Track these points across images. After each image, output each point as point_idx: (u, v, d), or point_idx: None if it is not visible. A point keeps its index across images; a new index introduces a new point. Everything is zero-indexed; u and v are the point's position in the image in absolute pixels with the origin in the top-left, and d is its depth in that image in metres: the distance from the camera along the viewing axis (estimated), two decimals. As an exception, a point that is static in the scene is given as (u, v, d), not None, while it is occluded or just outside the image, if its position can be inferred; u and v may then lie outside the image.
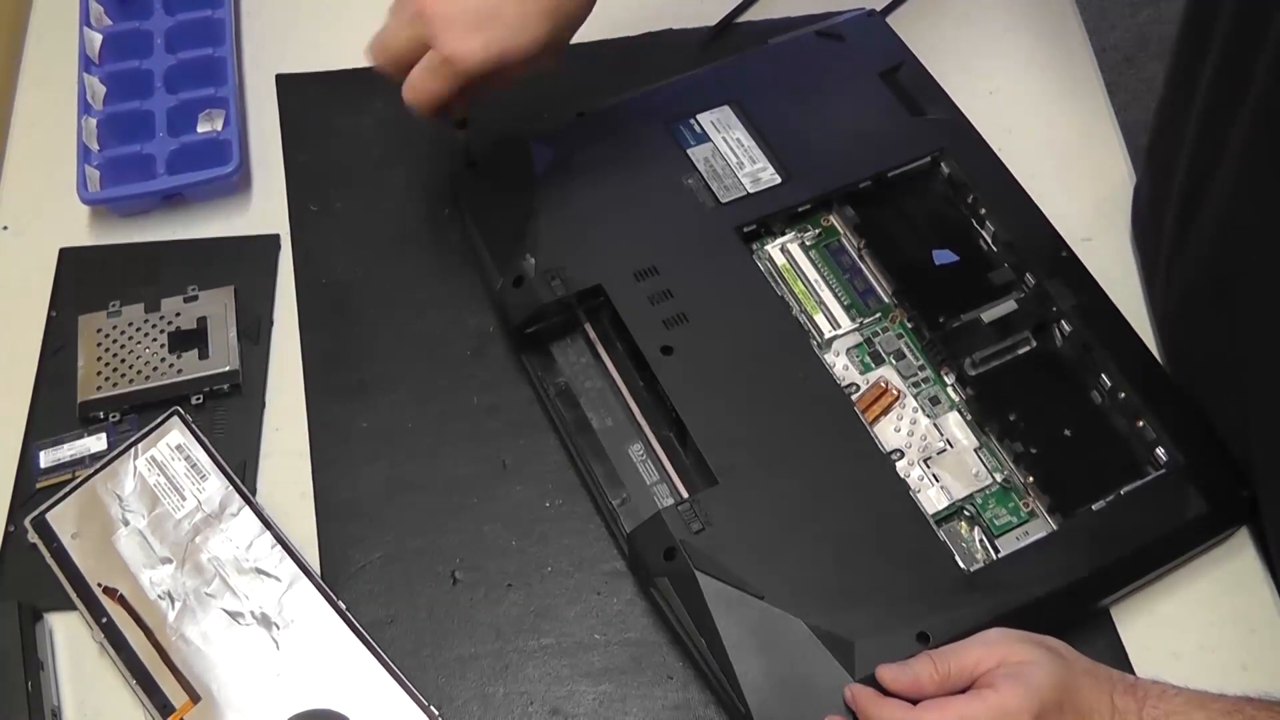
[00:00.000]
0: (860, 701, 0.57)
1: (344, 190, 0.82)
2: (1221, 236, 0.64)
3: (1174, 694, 0.56)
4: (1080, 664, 0.57)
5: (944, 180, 0.77)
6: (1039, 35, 0.89)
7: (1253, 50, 0.58)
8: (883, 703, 0.57)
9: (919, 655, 0.58)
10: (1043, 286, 0.71)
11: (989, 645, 0.57)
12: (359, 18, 0.89)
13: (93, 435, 0.71)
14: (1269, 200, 0.59)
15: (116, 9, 0.86)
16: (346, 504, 0.70)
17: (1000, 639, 0.58)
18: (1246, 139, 0.60)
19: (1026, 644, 0.57)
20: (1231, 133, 0.61)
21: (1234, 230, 0.63)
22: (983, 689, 0.55)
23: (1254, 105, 0.58)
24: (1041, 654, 0.56)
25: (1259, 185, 0.60)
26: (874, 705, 0.57)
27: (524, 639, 0.66)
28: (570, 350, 0.73)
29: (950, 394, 0.70)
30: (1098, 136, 0.84)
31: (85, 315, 0.74)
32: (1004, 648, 0.57)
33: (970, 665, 0.56)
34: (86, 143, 0.80)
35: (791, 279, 0.74)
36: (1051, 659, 0.56)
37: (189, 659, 0.63)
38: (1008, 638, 0.58)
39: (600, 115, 0.78)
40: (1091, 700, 0.56)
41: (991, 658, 0.56)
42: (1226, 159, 0.62)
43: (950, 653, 0.57)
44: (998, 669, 0.56)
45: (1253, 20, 0.58)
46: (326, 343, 0.76)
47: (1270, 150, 0.58)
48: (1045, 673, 0.55)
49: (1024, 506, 0.66)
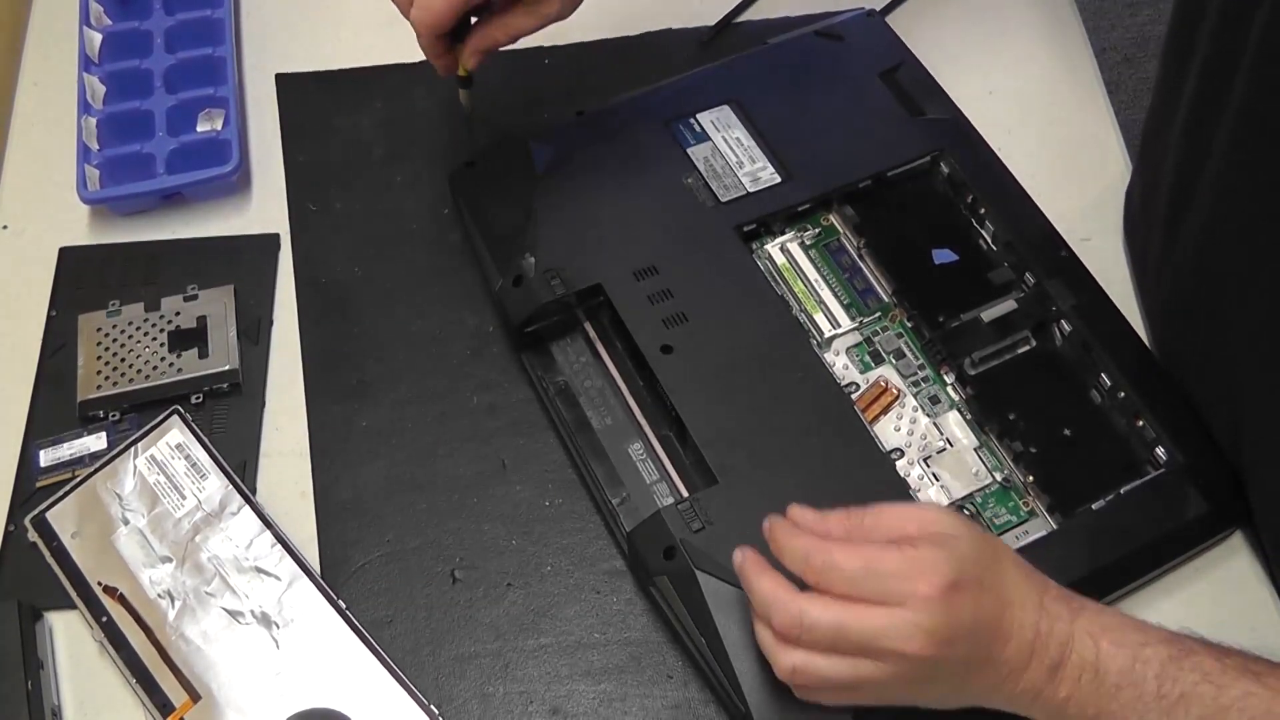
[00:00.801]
0: (775, 531, 0.55)
1: (344, 190, 0.82)
2: (1207, 240, 0.64)
3: (1111, 613, 0.55)
4: (1011, 556, 0.55)
5: (943, 180, 0.77)
6: (1039, 35, 0.89)
7: (1234, 54, 0.58)
8: (796, 533, 0.54)
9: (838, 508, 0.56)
10: (1042, 286, 0.71)
11: (915, 508, 0.56)
12: (359, 18, 0.90)
13: (92, 434, 0.71)
14: (1252, 205, 0.59)
15: (116, 9, 0.86)
16: (346, 503, 0.70)
17: (932, 507, 0.56)
18: (1229, 143, 0.60)
19: (959, 520, 0.54)
20: (1215, 137, 0.61)
21: (1219, 234, 0.63)
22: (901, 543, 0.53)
23: (1235, 110, 0.58)
24: (970, 530, 0.54)
25: (1241, 190, 0.60)
26: (787, 535, 0.55)
27: (523, 638, 0.66)
28: (570, 349, 0.73)
29: (950, 393, 0.70)
30: (1097, 136, 0.84)
31: (85, 314, 0.74)
32: (932, 514, 0.54)
33: (888, 524, 0.54)
34: (86, 142, 0.80)
35: (791, 278, 0.74)
36: (981, 537, 0.54)
37: (189, 658, 0.63)
38: (940, 509, 0.56)
39: (600, 115, 0.78)
40: (1017, 592, 0.53)
41: (914, 521, 0.54)
42: (1210, 163, 0.62)
43: (872, 508, 0.55)
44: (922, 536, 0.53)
45: (1234, 24, 0.58)
46: (326, 342, 0.76)
47: (1252, 155, 0.58)
48: (970, 545, 0.53)
49: (1024, 506, 0.66)
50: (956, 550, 0.52)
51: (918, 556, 0.52)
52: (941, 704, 0.55)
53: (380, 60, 0.87)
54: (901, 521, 0.54)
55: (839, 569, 0.52)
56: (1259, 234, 0.59)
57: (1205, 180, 0.63)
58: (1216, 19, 0.61)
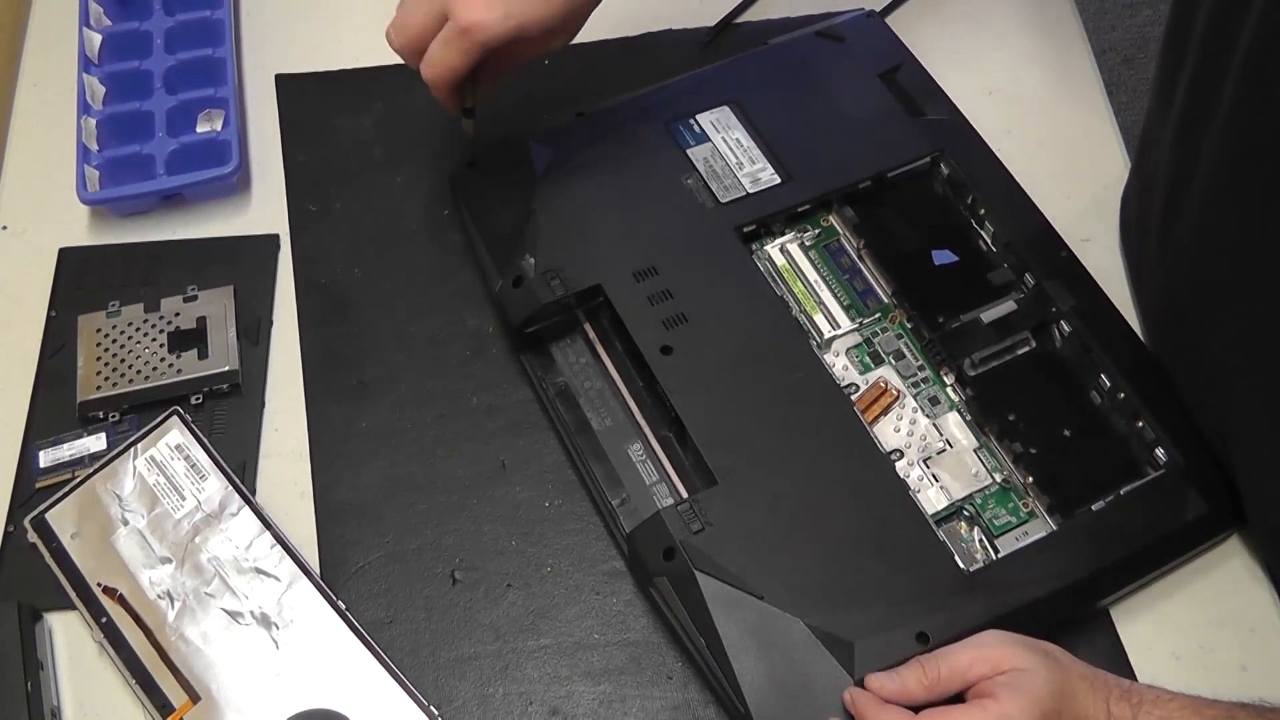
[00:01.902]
0: (860, 706, 0.57)
1: (344, 190, 0.82)
2: (1197, 246, 0.64)
3: (1169, 699, 0.56)
4: (1076, 669, 0.57)
5: (943, 180, 0.77)
6: (1039, 35, 0.89)
7: (1222, 64, 0.58)
8: (883, 709, 0.56)
9: (909, 662, 0.58)
10: (1042, 287, 0.71)
11: (982, 648, 0.57)
12: (359, 18, 0.90)
13: (92, 435, 0.71)
14: (1239, 213, 0.59)
15: (116, 9, 0.86)
16: (346, 504, 0.70)
17: (994, 642, 0.58)
18: (1217, 152, 0.60)
19: (1023, 649, 0.56)
20: (1204, 144, 0.61)
21: (1208, 240, 0.63)
22: (983, 698, 0.55)
23: (1223, 120, 0.58)
24: (1039, 660, 0.56)
25: (1229, 198, 0.60)
26: (874, 711, 0.57)
27: (523, 639, 0.66)
28: (570, 350, 0.73)
29: (950, 394, 0.70)
30: (1097, 137, 0.84)
31: (85, 315, 0.74)
32: (998, 652, 0.56)
33: (962, 669, 0.56)
34: (86, 143, 0.80)
35: (791, 279, 0.74)
36: (1048, 665, 0.56)
37: (189, 659, 0.63)
38: (1001, 641, 0.58)
39: (600, 115, 0.78)
40: (1088, 707, 0.55)
41: (986, 663, 0.56)
42: (1199, 170, 0.62)
43: (941, 657, 0.57)
44: (996, 677, 0.55)
45: (1221, 33, 0.58)
46: (326, 343, 0.76)
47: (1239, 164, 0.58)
48: (1044, 680, 0.55)
49: (1023, 507, 0.66)
50: (1034, 691, 0.54)
51: (1002, 712, 0.54)
52: None
53: (380, 60, 0.86)
54: (973, 664, 0.56)
55: None
56: (1246, 241, 0.59)
57: (1195, 187, 0.63)
58: (1206, 24, 0.61)
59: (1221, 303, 0.62)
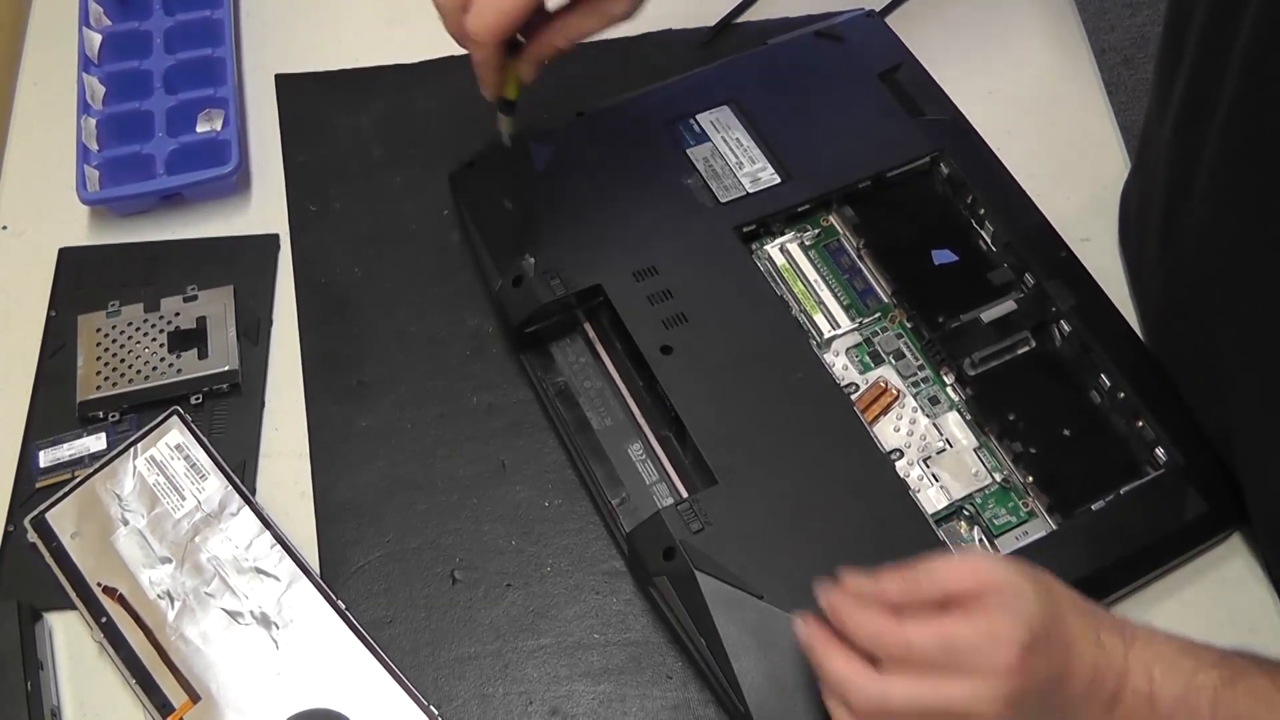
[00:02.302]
0: (838, 607, 0.55)
1: (343, 190, 0.82)
2: (1198, 245, 0.64)
3: (1163, 639, 0.55)
4: (1066, 596, 0.55)
5: (943, 180, 0.77)
6: (1039, 36, 0.89)
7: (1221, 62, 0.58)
8: (860, 608, 0.54)
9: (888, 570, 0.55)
10: (1042, 287, 0.71)
11: (968, 560, 0.54)
12: (359, 18, 0.90)
13: (92, 435, 0.71)
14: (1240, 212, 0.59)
15: (116, 9, 0.86)
16: (346, 504, 0.70)
17: (980, 557, 0.56)
18: (1217, 150, 0.60)
19: (1011, 569, 0.54)
20: (1204, 143, 0.61)
21: (1209, 239, 0.63)
22: (971, 610, 0.52)
23: (1222, 117, 0.58)
24: (1029, 585, 0.53)
25: (1230, 197, 0.60)
26: (855, 612, 0.54)
27: (523, 638, 0.66)
28: (569, 350, 0.73)
29: (950, 394, 0.70)
30: (1097, 137, 0.84)
31: (84, 315, 0.74)
32: (985, 566, 0.53)
33: (944, 581, 0.53)
34: (86, 143, 0.80)
35: (791, 279, 0.74)
36: (1038, 587, 0.54)
37: (188, 659, 0.63)
38: (989, 559, 0.56)
39: (600, 115, 0.78)
40: (1077, 634, 0.53)
41: (971, 576, 0.53)
42: (1200, 169, 0.62)
43: (924, 567, 0.54)
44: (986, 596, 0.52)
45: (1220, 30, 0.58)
46: (326, 343, 0.76)
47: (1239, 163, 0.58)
48: (1034, 602, 0.52)
49: (1023, 506, 0.66)
50: (1025, 609, 0.52)
51: (991, 624, 0.52)
52: None
53: (380, 60, 0.87)
54: (959, 577, 0.54)
55: (916, 649, 0.52)
56: (1247, 240, 0.59)
57: (1196, 185, 0.63)
58: (1204, 21, 0.60)
59: (1222, 302, 0.62)
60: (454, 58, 0.86)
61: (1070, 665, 0.53)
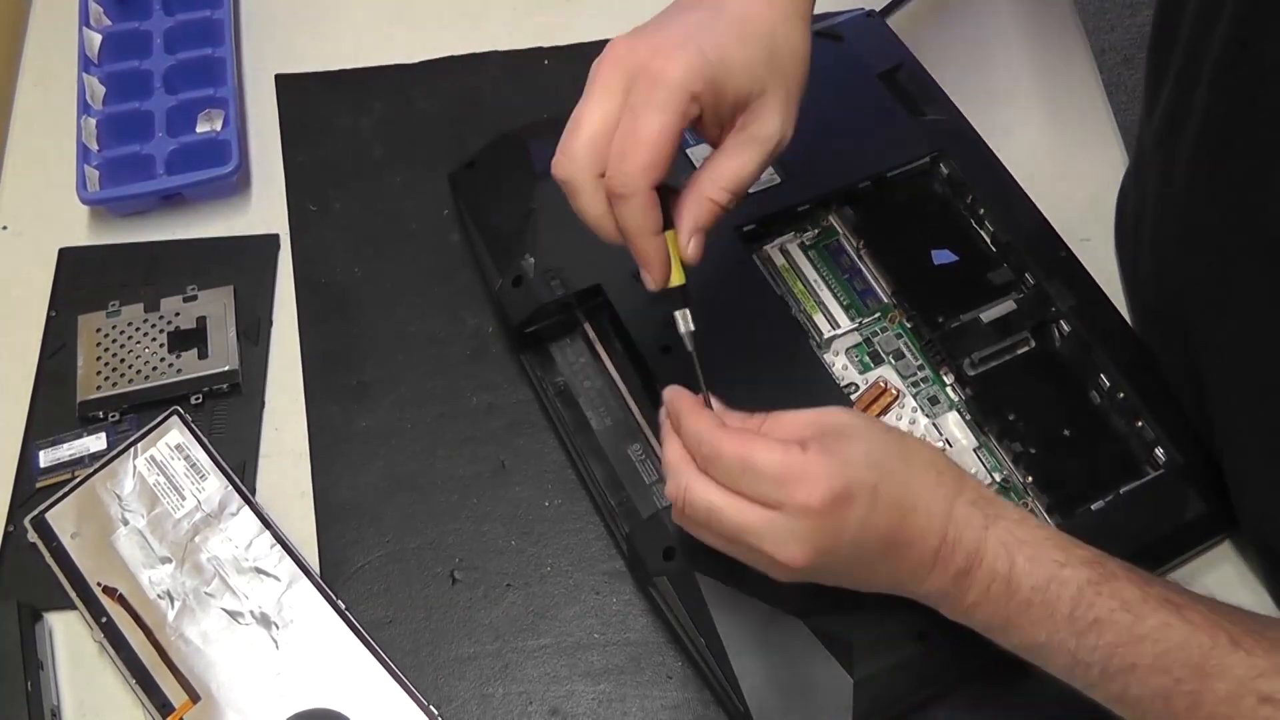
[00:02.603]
0: (675, 405, 0.53)
1: (344, 190, 0.82)
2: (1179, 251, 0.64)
3: (1035, 525, 0.52)
4: (925, 460, 0.52)
5: (943, 180, 0.77)
6: (1039, 36, 0.89)
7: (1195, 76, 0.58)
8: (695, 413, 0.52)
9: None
10: (1042, 287, 0.71)
11: (817, 411, 0.51)
12: (359, 18, 0.90)
13: (92, 435, 0.71)
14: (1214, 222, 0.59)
15: (116, 9, 0.86)
16: (346, 504, 0.70)
17: (835, 408, 0.53)
18: (1192, 156, 0.60)
19: (861, 418, 0.51)
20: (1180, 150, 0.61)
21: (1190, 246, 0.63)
22: (789, 445, 0.49)
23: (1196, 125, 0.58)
24: (873, 430, 0.50)
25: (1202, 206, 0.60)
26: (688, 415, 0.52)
27: (523, 639, 0.66)
28: (569, 350, 0.73)
29: (949, 394, 0.70)
30: (1097, 137, 0.84)
31: (85, 315, 0.74)
32: (831, 414, 0.51)
33: (785, 427, 0.51)
34: (86, 143, 0.80)
35: (791, 279, 0.74)
36: (886, 438, 0.51)
37: (188, 658, 0.63)
38: (843, 409, 0.53)
39: (600, 115, 0.78)
40: (923, 496, 0.50)
41: (810, 426, 0.50)
42: (1176, 175, 0.62)
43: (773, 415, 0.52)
44: (819, 439, 0.49)
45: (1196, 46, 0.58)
46: (326, 343, 0.76)
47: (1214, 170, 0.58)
48: (868, 448, 0.50)
49: (1023, 506, 0.66)
50: (850, 456, 0.49)
51: (803, 462, 0.49)
52: (840, 585, 0.53)
53: (380, 60, 0.87)
54: (798, 424, 0.51)
55: (720, 459, 0.50)
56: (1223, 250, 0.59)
57: (1174, 191, 0.63)
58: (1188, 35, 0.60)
59: (1203, 308, 0.62)
60: (454, 58, 0.86)
61: (903, 528, 0.50)
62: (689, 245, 0.53)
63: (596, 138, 0.51)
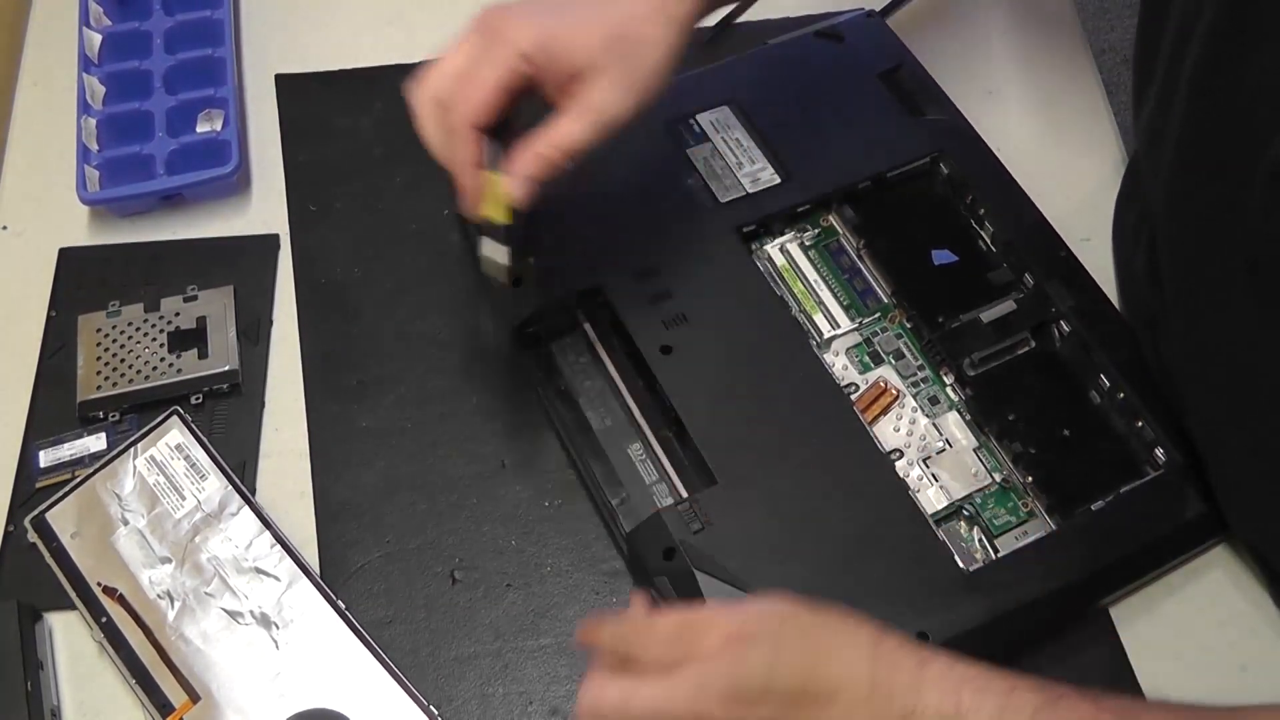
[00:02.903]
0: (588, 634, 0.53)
1: (344, 190, 0.82)
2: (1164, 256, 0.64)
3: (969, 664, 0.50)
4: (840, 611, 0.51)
5: (943, 180, 0.77)
6: (1038, 35, 0.89)
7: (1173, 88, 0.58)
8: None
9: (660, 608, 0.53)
10: (1042, 287, 0.71)
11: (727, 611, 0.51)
12: (359, 18, 0.90)
13: (92, 435, 0.71)
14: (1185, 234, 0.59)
15: (116, 9, 0.86)
16: (346, 504, 0.70)
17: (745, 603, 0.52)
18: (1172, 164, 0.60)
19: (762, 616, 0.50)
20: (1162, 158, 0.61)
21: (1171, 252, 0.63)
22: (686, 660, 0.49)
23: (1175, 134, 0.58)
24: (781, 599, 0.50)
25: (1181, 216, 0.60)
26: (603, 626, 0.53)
27: (523, 639, 0.66)
28: (570, 350, 0.73)
29: (949, 394, 0.70)
30: (1097, 137, 0.84)
31: (85, 315, 0.74)
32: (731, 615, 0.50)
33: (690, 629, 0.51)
34: (86, 143, 0.80)
35: (791, 279, 0.74)
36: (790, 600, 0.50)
37: (188, 658, 0.63)
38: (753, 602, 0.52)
39: (600, 115, 0.78)
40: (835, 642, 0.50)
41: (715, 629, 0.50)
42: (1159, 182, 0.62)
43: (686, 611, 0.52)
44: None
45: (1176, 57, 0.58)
46: (326, 343, 0.76)
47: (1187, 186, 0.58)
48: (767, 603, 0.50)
49: (1023, 506, 0.66)
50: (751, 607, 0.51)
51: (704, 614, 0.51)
52: None
53: (380, 60, 0.87)
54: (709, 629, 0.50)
55: (632, 636, 0.52)
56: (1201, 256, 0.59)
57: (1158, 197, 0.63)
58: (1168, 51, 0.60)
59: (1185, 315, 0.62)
60: (454, 58, 0.86)
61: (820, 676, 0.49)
62: (516, 188, 0.59)
63: (444, 77, 0.58)
